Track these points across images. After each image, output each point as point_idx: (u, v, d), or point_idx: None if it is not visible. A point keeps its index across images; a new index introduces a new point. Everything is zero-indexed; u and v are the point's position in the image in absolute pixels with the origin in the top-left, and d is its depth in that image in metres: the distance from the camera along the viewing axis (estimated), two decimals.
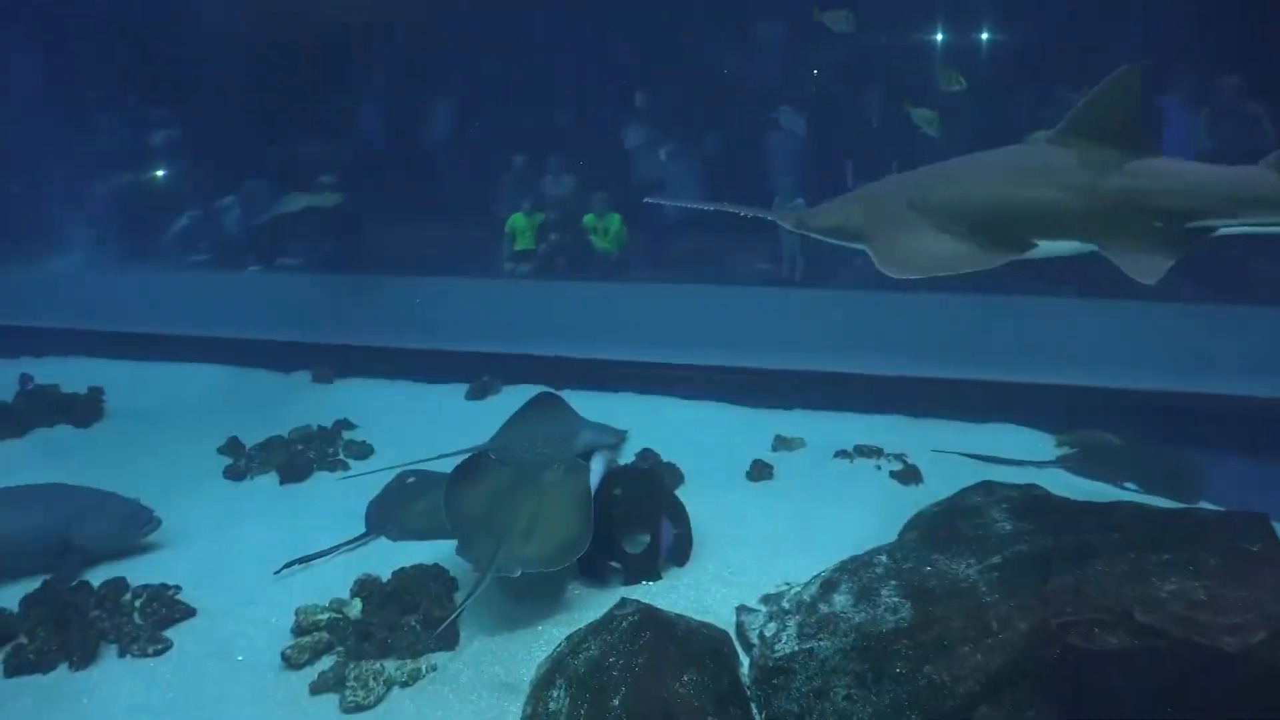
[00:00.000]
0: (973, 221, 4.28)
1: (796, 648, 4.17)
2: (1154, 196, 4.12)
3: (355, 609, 5.25)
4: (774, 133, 10.62)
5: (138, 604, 5.42)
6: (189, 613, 5.39)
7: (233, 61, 14.03)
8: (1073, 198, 4.14)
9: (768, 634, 4.41)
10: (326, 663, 4.86)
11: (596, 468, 5.72)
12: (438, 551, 5.92)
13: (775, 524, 6.33)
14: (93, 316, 12.03)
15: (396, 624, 5.07)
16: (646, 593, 5.40)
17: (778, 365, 8.94)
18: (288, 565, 5.82)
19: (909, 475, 7.01)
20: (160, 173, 14.28)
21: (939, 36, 11.77)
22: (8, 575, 5.76)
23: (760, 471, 7.13)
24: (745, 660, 4.53)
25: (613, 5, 12.06)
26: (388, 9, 13.13)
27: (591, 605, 5.30)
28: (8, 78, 14.73)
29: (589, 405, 8.12)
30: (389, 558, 5.90)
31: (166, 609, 5.36)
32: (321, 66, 13.60)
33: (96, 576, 5.72)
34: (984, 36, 11.96)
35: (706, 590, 5.47)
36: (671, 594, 5.42)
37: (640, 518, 5.73)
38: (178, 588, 5.58)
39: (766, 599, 5.18)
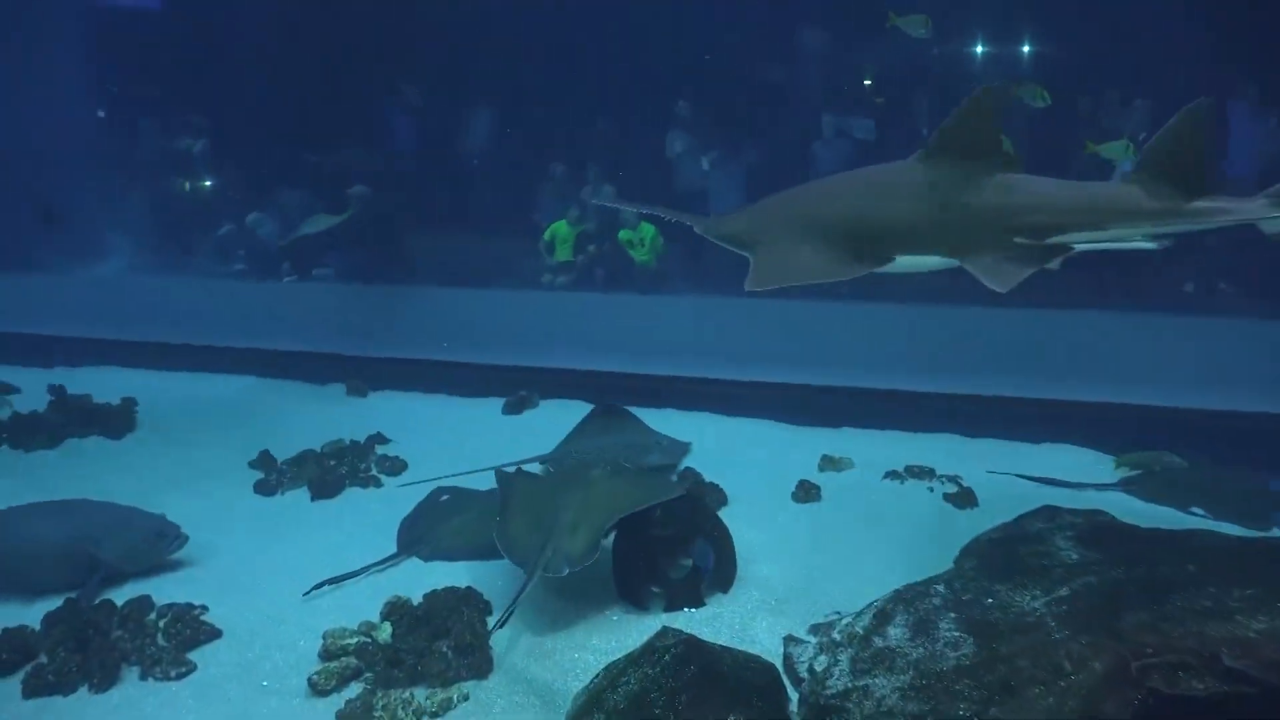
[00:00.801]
0: (840, 235, 4.38)
1: (850, 684, 3.92)
2: (1015, 212, 4.21)
3: (385, 633, 5.05)
4: (820, 140, 10.34)
5: (162, 624, 5.26)
6: (214, 634, 5.22)
7: (269, 70, 14.03)
8: (934, 213, 4.24)
9: (818, 668, 4.16)
10: (354, 689, 4.65)
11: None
12: (471, 573, 5.74)
13: (823, 548, 6.05)
14: (128, 325, 11.99)
15: (427, 650, 4.85)
16: (689, 620, 5.15)
17: (824, 381, 8.65)
18: (317, 587, 5.63)
19: (963, 498, 6.70)
20: (199, 182, 14.25)
21: (980, 47, 11.44)
22: (31, 592, 5.62)
23: (807, 493, 6.84)
24: (794, 695, 4.25)
25: (653, 11, 11.86)
26: (423, 17, 13.01)
27: (631, 632, 5.07)
28: (45, 85, 14.78)
29: None
30: (420, 579, 5.72)
31: (191, 630, 5.19)
32: (357, 75, 13.53)
33: (121, 594, 5.57)
34: (1032, 45, 11.67)
35: (751, 618, 5.21)
36: (715, 622, 5.17)
37: (682, 541, 5.48)
38: (203, 607, 5.41)
39: (816, 629, 4.91)
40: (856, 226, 4.39)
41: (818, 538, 6.21)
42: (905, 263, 4.44)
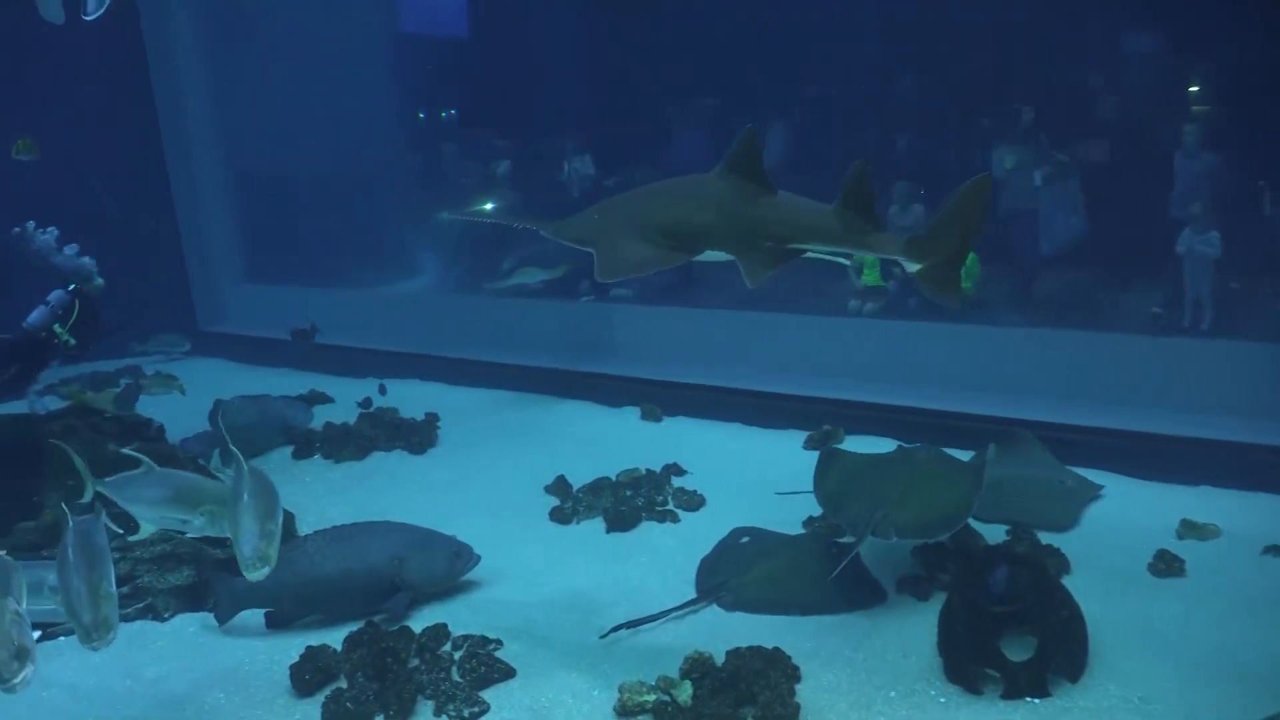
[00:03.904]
0: (661, 233, 5.18)
1: None
2: (766, 223, 5.14)
3: (685, 693, 4.60)
4: (1180, 153, 9.06)
5: (457, 656, 5.09)
6: (508, 673, 4.99)
7: (569, 94, 14.21)
8: (721, 220, 5.15)
9: None
10: None
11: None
12: (775, 630, 5.23)
13: (1194, 638, 5.05)
14: (432, 341, 12.37)
15: (731, 718, 4.37)
16: (1031, 713, 4.41)
17: (1178, 431, 7.46)
18: (615, 630, 5.30)
19: None
20: (502, 203, 14.55)
21: None
22: (341, 619, 5.59)
23: (1169, 565, 5.78)
24: None
25: (972, 18, 10.90)
26: (722, 35, 12.66)
27: None
28: (359, 111, 15.59)
29: None
30: (721, 631, 5.28)
31: (485, 667, 4.98)
32: (652, 95, 13.39)
33: (417, 620, 5.51)
34: None
35: None
36: (1063, 719, 4.38)
37: (1024, 615, 4.73)
38: (498, 642, 5.21)
39: None
40: (673, 226, 5.19)
41: (1187, 623, 5.20)
42: (709, 255, 5.27)
